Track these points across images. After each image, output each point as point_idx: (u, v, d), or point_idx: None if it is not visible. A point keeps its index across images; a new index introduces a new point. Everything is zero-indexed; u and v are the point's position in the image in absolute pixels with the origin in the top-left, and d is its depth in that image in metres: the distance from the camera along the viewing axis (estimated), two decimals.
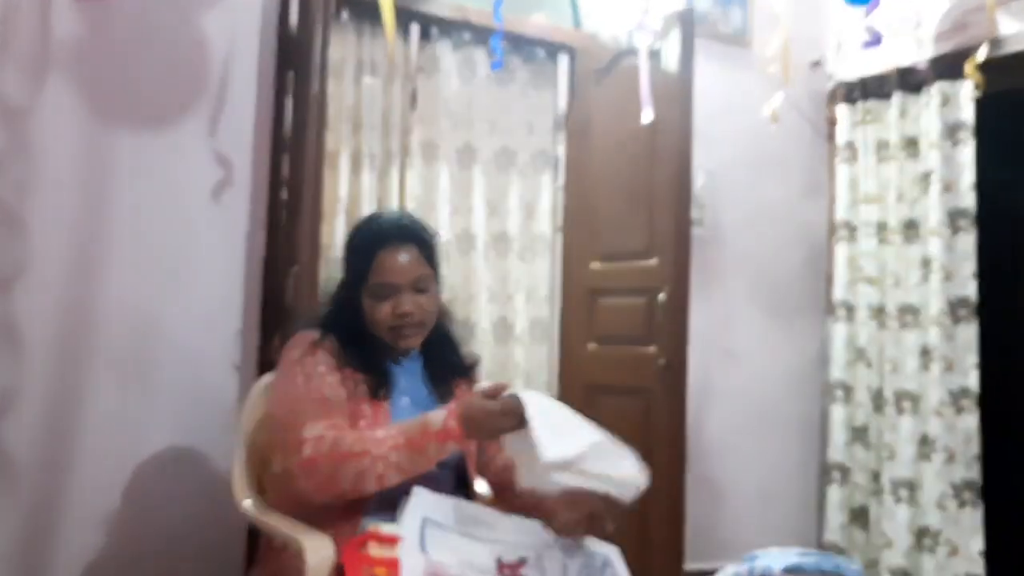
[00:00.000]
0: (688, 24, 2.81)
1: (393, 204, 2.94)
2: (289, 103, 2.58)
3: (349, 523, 1.59)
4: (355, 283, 1.74)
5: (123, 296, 2.37)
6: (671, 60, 2.81)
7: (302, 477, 1.55)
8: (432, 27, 3.04)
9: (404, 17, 2.90)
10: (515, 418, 1.49)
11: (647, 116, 2.79)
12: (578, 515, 1.61)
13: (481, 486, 1.94)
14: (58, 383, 2.29)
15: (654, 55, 2.86)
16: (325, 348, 1.71)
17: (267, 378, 2.02)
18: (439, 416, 1.51)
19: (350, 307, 1.76)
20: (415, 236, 1.76)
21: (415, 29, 3.03)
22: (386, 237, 1.74)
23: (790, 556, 1.56)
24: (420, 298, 1.74)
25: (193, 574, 2.42)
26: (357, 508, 1.61)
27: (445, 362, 1.85)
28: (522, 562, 1.50)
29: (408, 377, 1.80)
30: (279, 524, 1.67)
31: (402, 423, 1.57)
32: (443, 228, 3.00)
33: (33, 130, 2.27)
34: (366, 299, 1.72)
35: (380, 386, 1.71)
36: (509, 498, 1.81)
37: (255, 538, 2.32)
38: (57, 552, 2.26)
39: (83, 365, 2.32)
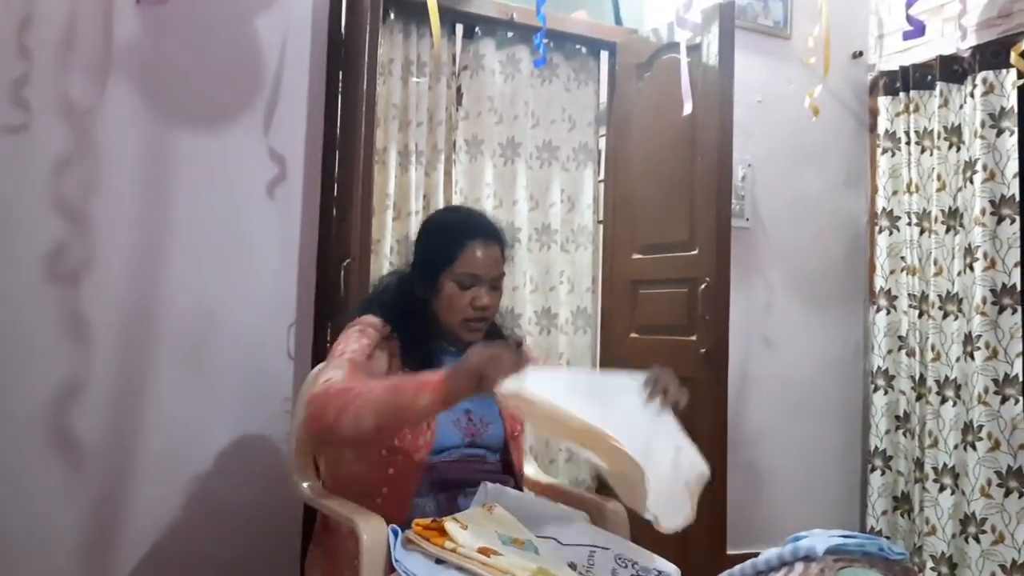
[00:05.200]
0: (728, 17, 2.81)
1: (440, 199, 3.00)
2: (340, 102, 2.66)
3: (399, 505, 1.64)
4: (437, 267, 1.77)
5: (184, 289, 2.45)
6: (711, 53, 2.82)
7: (308, 413, 1.57)
8: (476, 26, 3.08)
9: (449, 17, 2.96)
10: (499, 368, 1.40)
11: (687, 109, 2.82)
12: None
13: (529, 468, 2.00)
14: (123, 372, 2.37)
15: (694, 49, 2.88)
16: (383, 335, 1.74)
17: (321, 367, 2.10)
18: (428, 375, 1.48)
19: (415, 297, 1.80)
20: (501, 237, 1.82)
21: (460, 28, 3.08)
22: (479, 230, 1.79)
23: (834, 537, 1.58)
24: (494, 295, 1.79)
25: (253, 553, 2.49)
26: (408, 490, 1.66)
27: None
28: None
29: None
30: (334, 505, 1.72)
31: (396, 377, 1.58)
32: None
33: (97, 130, 2.36)
34: (448, 283, 1.75)
35: None
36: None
37: (312, 519, 2.41)
38: (124, 532, 2.36)
39: (147, 355, 2.40)
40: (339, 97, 2.67)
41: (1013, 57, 2.93)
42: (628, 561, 1.60)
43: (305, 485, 1.88)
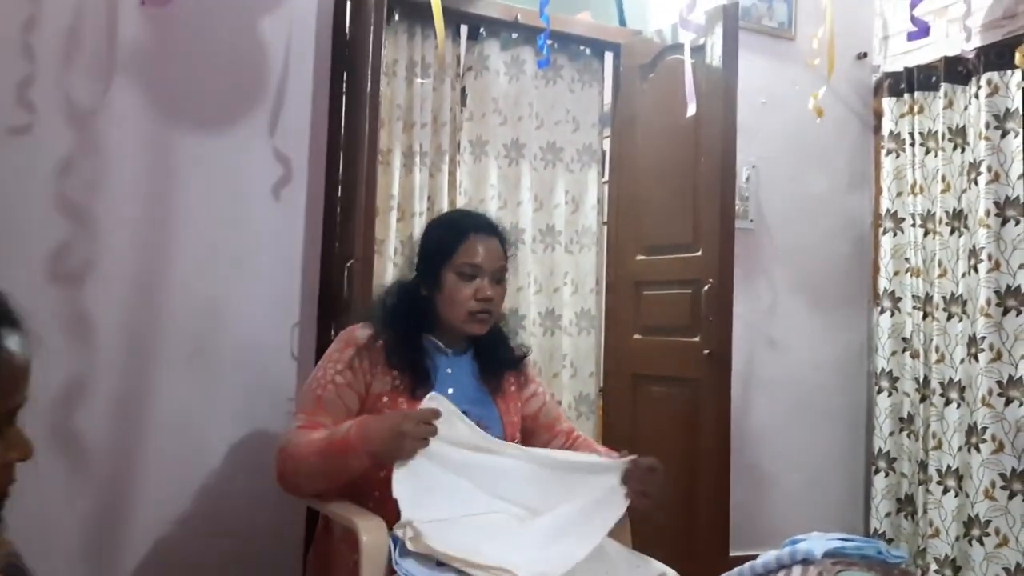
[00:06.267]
0: (732, 19, 2.81)
1: (444, 200, 3.00)
2: (344, 103, 2.66)
3: (391, 507, 1.60)
4: (439, 260, 1.79)
5: (188, 289, 2.44)
6: (715, 55, 2.82)
7: (275, 469, 1.70)
8: (481, 27, 3.08)
9: (454, 18, 2.96)
10: (413, 431, 1.52)
11: (691, 110, 2.82)
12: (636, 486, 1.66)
13: None
14: (127, 372, 2.37)
15: (698, 50, 2.88)
16: (363, 346, 1.77)
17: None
18: (345, 426, 1.59)
19: (418, 294, 1.83)
20: (500, 232, 1.85)
21: (464, 29, 3.09)
22: (477, 225, 1.83)
23: (832, 541, 1.58)
24: (498, 288, 1.81)
25: (255, 553, 2.49)
26: None
27: (495, 355, 1.89)
28: None
29: (457, 368, 1.84)
30: (334, 507, 1.72)
31: (324, 432, 1.65)
32: None
33: (101, 131, 2.36)
34: (450, 276, 1.78)
35: (419, 385, 1.75)
36: None
37: (314, 520, 2.41)
38: (126, 531, 2.35)
39: (150, 355, 2.40)
40: (343, 98, 2.67)
41: (1018, 58, 2.92)
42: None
43: None
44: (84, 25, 2.36)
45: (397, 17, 2.91)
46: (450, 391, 1.79)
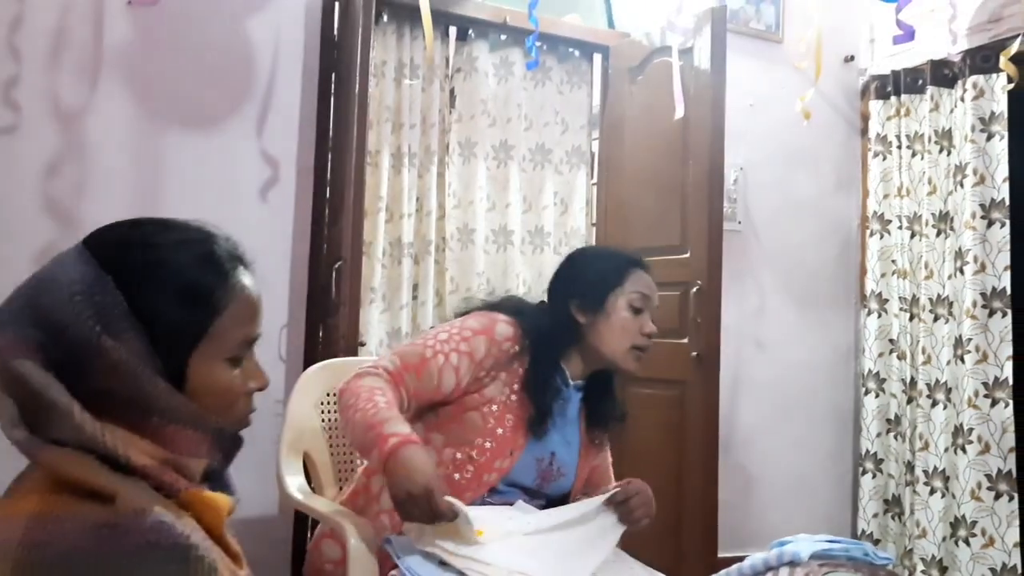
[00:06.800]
0: (720, 21, 2.82)
1: (433, 201, 3.00)
2: (332, 104, 2.67)
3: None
4: (605, 287, 1.68)
5: None
6: (703, 57, 2.83)
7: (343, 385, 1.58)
8: (469, 29, 3.08)
9: (442, 19, 2.96)
10: (431, 510, 1.37)
11: (679, 113, 2.82)
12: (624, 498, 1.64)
13: None
14: None
15: (686, 53, 2.89)
16: (501, 349, 1.63)
17: (313, 369, 2.08)
18: (399, 429, 1.43)
19: (571, 320, 1.69)
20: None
21: (453, 31, 3.09)
22: (640, 260, 1.75)
23: (819, 543, 1.59)
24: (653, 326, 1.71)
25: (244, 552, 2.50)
26: (463, 502, 1.58)
27: (604, 407, 1.78)
28: None
29: (570, 404, 1.74)
30: (321, 509, 1.71)
31: (389, 409, 1.48)
32: (480, 224, 3.06)
33: (88, 132, 2.36)
34: (619, 305, 1.67)
35: (537, 423, 1.64)
36: None
37: (302, 525, 2.41)
38: None
39: None
40: (332, 99, 2.67)
41: (1003, 62, 2.94)
42: None
43: (294, 488, 1.87)
44: (71, 24, 2.35)
45: (385, 18, 2.90)
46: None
